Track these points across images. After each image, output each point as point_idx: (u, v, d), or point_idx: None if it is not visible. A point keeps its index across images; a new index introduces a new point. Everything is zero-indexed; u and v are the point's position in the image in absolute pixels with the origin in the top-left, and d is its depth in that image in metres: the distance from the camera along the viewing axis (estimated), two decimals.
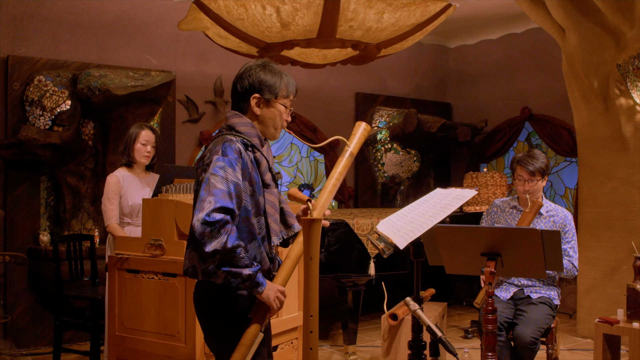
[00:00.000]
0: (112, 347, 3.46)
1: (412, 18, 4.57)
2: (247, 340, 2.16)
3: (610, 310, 5.06)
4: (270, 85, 2.28)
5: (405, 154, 7.53)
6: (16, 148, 4.99)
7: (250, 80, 2.28)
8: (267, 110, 2.30)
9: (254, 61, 2.34)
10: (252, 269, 2.12)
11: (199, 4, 4.41)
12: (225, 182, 2.11)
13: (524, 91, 7.35)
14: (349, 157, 2.43)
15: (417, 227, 2.68)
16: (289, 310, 3.74)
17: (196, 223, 2.05)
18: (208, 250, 2.05)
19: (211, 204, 2.06)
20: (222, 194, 2.08)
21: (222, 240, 2.05)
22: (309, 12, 4.25)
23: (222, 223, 2.06)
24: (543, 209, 3.75)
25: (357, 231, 4.69)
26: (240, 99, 2.31)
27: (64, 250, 4.64)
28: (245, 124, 2.28)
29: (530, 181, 3.68)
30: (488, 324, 2.85)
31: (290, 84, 2.34)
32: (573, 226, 3.73)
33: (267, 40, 4.63)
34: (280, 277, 2.26)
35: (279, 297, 2.20)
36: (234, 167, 2.15)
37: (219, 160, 2.13)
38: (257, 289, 2.14)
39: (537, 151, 3.78)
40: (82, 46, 5.54)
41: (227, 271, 2.09)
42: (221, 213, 2.06)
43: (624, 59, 5.04)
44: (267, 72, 2.30)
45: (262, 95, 2.28)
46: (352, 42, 4.67)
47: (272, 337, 2.47)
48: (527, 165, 3.68)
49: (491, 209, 3.96)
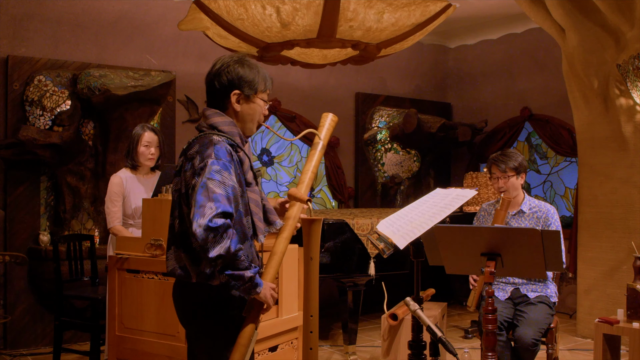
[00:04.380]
0: (112, 347, 3.46)
1: (412, 18, 4.57)
2: (245, 340, 2.16)
3: (610, 310, 5.06)
4: (249, 81, 2.26)
5: (405, 154, 7.53)
6: (16, 148, 4.99)
7: (229, 76, 2.24)
8: (248, 106, 2.29)
9: (229, 56, 2.31)
10: (252, 271, 2.12)
11: (199, 4, 4.41)
12: (223, 186, 2.09)
13: (524, 91, 7.35)
14: (321, 149, 2.48)
15: (417, 227, 2.68)
16: (289, 310, 3.74)
17: (198, 229, 2.02)
18: (212, 255, 2.03)
19: (212, 210, 2.03)
20: (222, 198, 2.06)
21: (226, 245, 2.04)
22: (309, 12, 4.25)
23: (224, 228, 2.04)
24: (525, 206, 3.80)
25: (357, 231, 4.69)
26: (219, 96, 2.28)
27: (64, 250, 4.63)
28: (227, 123, 2.25)
29: (503, 178, 3.76)
30: (488, 324, 2.85)
31: (267, 78, 2.33)
32: (557, 219, 3.76)
33: (267, 40, 4.63)
34: (269, 274, 2.26)
35: (272, 294, 2.21)
36: (229, 170, 2.13)
37: (214, 164, 2.10)
38: (255, 290, 2.15)
39: (512, 150, 3.89)
40: (82, 46, 5.55)
41: (230, 274, 2.08)
42: (223, 218, 2.05)
43: (624, 59, 5.04)
44: (245, 67, 2.27)
45: (242, 91, 2.26)
46: (352, 42, 4.67)
47: (271, 337, 2.47)
48: (498, 163, 3.77)
49: (479, 213, 4.02)
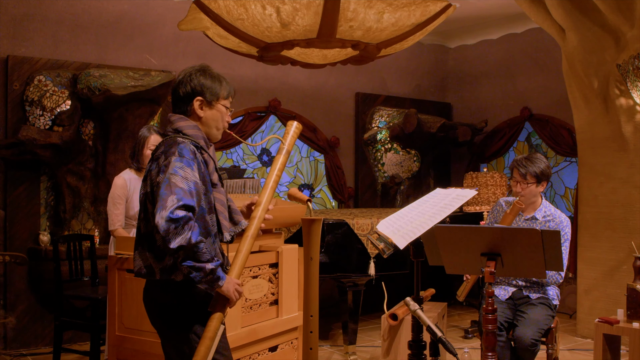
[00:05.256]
0: (112, 347, 3.45)
1: (412, 18, 4.57)
2: (211, 333, 2.24)
3: (610, 310, 5.06)
4: (211, 88, 2.42)
5: (405, 154, 7.53)
6: (16, 148, 4.99)
7: (192, 84, 2.41)
8: (210, 111, 2.44)
9: (192, 67, 2.47)
10: (213, 264, 2.21)
11: (199, 4, 4.41)
12: (185, 181, 2.21)
13: (524, 91, 7.35)
14: (285, 154, 2.57)
15: (417, 227, 2.69)
16: (289, 310, 3.74)
17: (160, 221, 2.14)
18: (173, 246, 2.14)
19: (174, 202, 2.15)
20: (184, 192, 2.19)
21: (187, 236, 2.15)
22: (309, 12, 4.25)
23: (185, 220, 2.15)
24: (540, 213, 3.71)
25: (357, 231, 4.69)
26: (183, 102, 2.43)
27: (64, 250, 4.63)
28: (191, 127, 2.40)
29: (523, 184, 3.65)
30: (488, 324, 2.85)
31: (229, 87, 2.48)
32: (567, 232, 3.65)
33: (267, 40, 4.63)
34: (235, 271, 2.35)
35: (237, 289, 2.31)
36: (191, 166, 2.26)
37: (177, 161, 2.24)
38: (217, 283, 2.24)
39: (539, 155, 3.73)
40: (82, 46, 5.55)
41: (191, 266, 2.18)
42: (184, 210, 2.16)
43: (624, 59, 5.04)
44: (206, 76, 2.43)
45: (204, 97, 2.41)
46: (352, 42, 4.67)
47: (271, 337, 2.46)
48: (520, 168, 3.66)
49: (495, 207, 3.92)
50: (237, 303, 2.38)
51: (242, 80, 6.42)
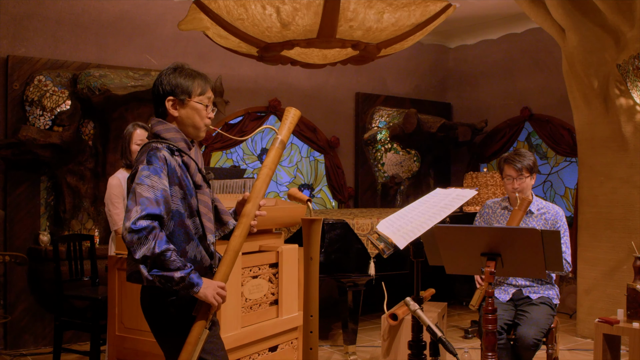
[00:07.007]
0: (112, 347, 3.46)
1: (412, 18, 4.57)
2: (193, 339, 2.21)
3: (610, 310, 5.06)
4: (181, 85, 2.36)
5: (405, 154, 7.53)
6: (16, 148, 4.99)
7: (163, 85, 2.37)
8: (184, 110, 2.38)
9: (166, 68, 2.41)
10: (183, 271, 2.16)
11: (199, 4, 4.41)
12: (152, 189, 2.18)
13: (524, 91, 7.35)
14: (279, 145, 2.45)
15: (417, 227, 2.68)
16: (289, 310, 3.74)
17: (124, 232, 2.13)
18: (138, 257, 2.12)
19: (137, 213, 2.13)
20: (149, 201, 2.15)
21: (150, 246, 2.11)
22: (309, 12, 4.25)
23: (148, 230, 2.12)
24: (534, 207, 3.75)
25: (357, 231, 4.69)
26: (157, 104, 2.41)
27: (64, 250, 4.63)
28: (169, 130, 2.36)
29: (519, 179, 3.67)
30: (488, 324, 2.85)
31: (203, 83, 2.40)
32: (565, 222, 3.73)
33: (267, 40, 4.63)
34: (221, 273, 2.30)
35: (219, 292, 2.24)
36: (159, 174, 2.22)
37: (144, 170, 2.21)
38: (192, 290, 2.19)
39: (524, 150, 3.80)
40: (82, 46, 5.55)
41: (159, 275, 2.15)
42: (147, 220, 2.13)
43: (624, 59, 5.04)
44: (177, 74, 2.37)
45: (175, 96, 2.36)
46: (352, 42, 4.67)
47: (271, 337, 2.45)
48: (514, 163, 3.67)
49: (483, 210, 3.95)
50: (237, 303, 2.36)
51: (242, 80, 6.42)
